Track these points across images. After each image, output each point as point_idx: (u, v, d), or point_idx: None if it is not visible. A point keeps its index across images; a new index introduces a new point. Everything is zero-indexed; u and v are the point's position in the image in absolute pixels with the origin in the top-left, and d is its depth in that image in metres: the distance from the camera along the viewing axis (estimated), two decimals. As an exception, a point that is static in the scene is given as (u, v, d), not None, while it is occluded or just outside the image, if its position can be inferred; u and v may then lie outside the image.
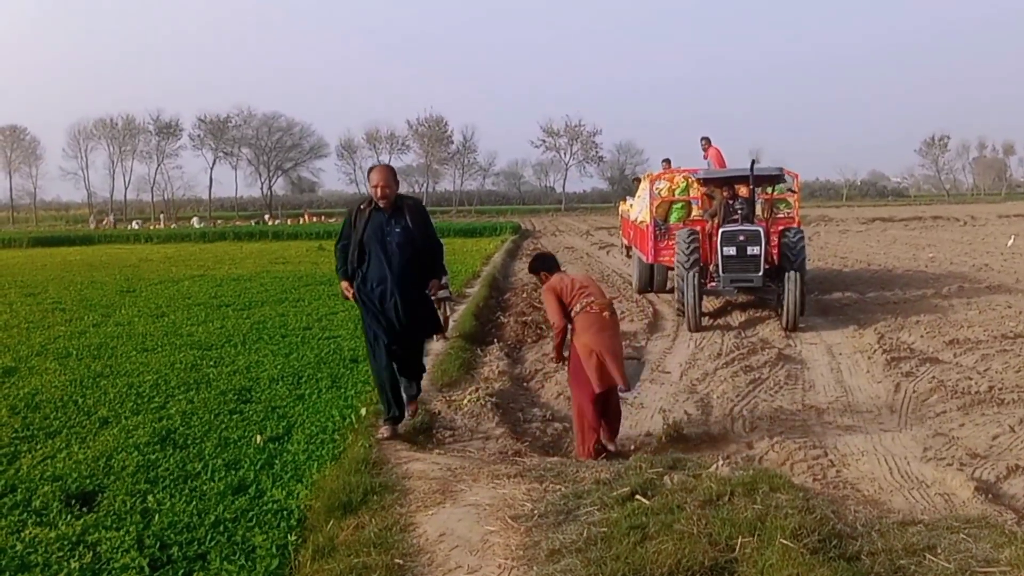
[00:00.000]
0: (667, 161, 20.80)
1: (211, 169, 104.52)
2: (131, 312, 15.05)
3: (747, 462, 6.59)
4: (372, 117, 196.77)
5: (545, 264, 7.69)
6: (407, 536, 4.92)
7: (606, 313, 7.18)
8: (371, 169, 7.22)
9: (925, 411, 8.19)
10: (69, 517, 5.43)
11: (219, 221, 78.64)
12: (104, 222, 76.36)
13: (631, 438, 7.73)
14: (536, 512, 5.10)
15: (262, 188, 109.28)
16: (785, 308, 12.84)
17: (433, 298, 7.58)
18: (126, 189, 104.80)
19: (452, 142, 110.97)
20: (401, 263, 6.99)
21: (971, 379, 9.09)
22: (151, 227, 67.42)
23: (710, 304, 15.13)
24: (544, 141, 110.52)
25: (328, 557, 4.62)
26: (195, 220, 76.10)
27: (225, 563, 4.73)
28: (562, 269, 7.71)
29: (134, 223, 73.93)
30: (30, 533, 5.17)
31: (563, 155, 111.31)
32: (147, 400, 8.46)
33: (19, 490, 5.95)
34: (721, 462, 5.92)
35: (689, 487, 5.28)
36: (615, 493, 5.23)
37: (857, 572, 4.02)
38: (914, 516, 5.04)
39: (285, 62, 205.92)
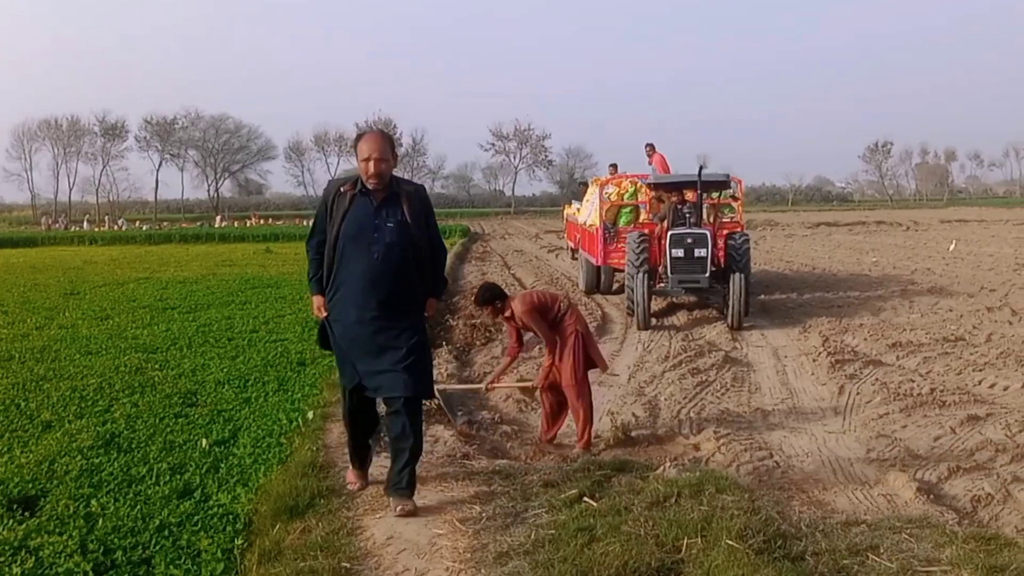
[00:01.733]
0: (614, 166, 21.20)
1: (157, 171, 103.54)
2: (75, 315, 14.76)
3: (694, 463, 6.64)
4: (321, 120, 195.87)
5: (497, 292, 7.74)
6: (354, 540, 4.88)
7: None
8: (360, 137, 5.30)
9: (868, 413, 8.31)
10: (11, 522, 5.29)
11: (165, 223, 77.43)
12: (53, 223, 74.75)
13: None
14: (484, 515, 5.10)
15: (208, 190, 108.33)
16: (730, 307, 13.39)
17: None
18: (71, 191, 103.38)
19: (401, 144, 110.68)
20: (391, 271, 5.22)
21: (913, 381, 9.27)
22: (96, 228, 66.30)
23: (657, 305, 15.37)
24: (493, 144, 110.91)
25: (274, 561, 4.57)
26: (121, 222, 74.70)
27: (170, 567, 4.66)
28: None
29: (85, 222, 72.70)
30: (-31, 539, 5.06)
31: (512, 158, 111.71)
32: (91, 403, 8.28)
33: (-42, 496, 5.82)
34: (668, 464, 5.97)
35: (636, 489, 5.33)
36: (563, 495, 5.25)
37: (801, 572, 4.08)
38: (857, 516, 5.14)
39: (234, 64, 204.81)
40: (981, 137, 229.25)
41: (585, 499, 5.18)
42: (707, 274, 13.72)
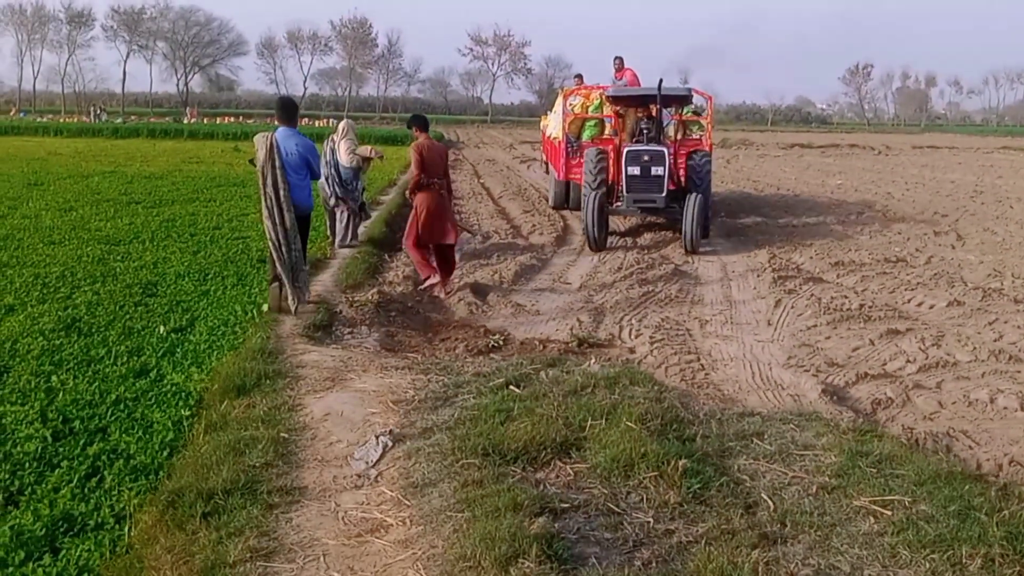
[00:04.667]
0: (579, 77, 20.58)
1: (124, 62, 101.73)
2: (38, 205, 14.96)
3: (624, 364, 7.03)
4: (294, 16, 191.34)
5: (417, 122, 9.88)
6: (294, 415, 5.31)
7: (443, 191, 9.78)
8: None
9: (798, 325, 8.72)
10: (-27, 394, 5.67)
11: (132, 117, 75.50)
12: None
13: (535, 338, 8.05)
14: (417, 398, 5.53)
15: (178, 84, 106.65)
16: (684, 230, 12.77)
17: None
18: (35, 79, 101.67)
19: (377, 45, 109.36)
20: None
21: (846, 297, 9.68)
22: (63, 119, 64.49)
23: (621, 223, 15.41)
24: (472, 49, 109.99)
25: (219, 431, 4.98)
26: (100, 112, 72.48)
27: (124, 435, 5.08)
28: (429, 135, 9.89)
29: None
30: (-66, 407, 5.42)
31: (491, 65, 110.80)
32: (53, 290, 8.61)
33: (-76, 368, 6.16)
34: (594, 360, 6.39)
35: (560, 381, 5.75)
36: (491, 383, 5.69)
37: (687, 450, 4.54)
38: (753, 410, 5.58)
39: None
40: (962, 64, 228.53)
41: (511, 387, 5.61)
42: (664, 193, 12.98)
